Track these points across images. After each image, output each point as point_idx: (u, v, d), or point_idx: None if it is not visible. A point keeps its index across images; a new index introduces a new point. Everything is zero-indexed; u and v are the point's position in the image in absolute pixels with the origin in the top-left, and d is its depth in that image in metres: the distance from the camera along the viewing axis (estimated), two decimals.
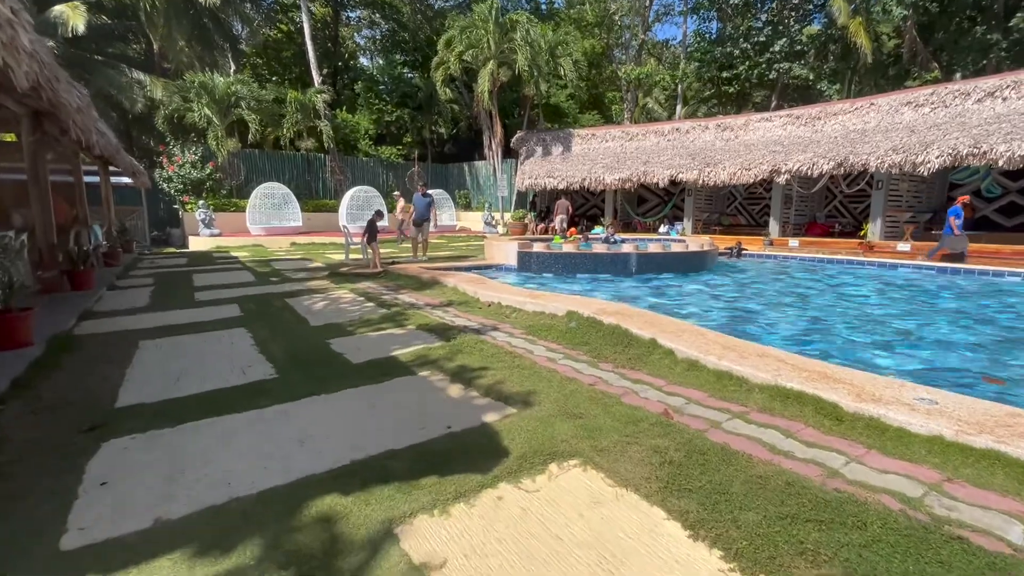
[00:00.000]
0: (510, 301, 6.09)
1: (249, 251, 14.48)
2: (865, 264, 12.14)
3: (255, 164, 20.82)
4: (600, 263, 9.97)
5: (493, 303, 6.26)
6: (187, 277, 9.14)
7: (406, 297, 6.86)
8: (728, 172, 16.14)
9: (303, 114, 20.26)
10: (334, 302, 6.61)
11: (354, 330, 5.04)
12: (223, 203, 18.17)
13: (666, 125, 19.77)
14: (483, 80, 19.46)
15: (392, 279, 8.46)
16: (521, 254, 10.24)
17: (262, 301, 6.70)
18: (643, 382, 3.41)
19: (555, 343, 4.45)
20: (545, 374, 3.58)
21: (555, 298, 5.94)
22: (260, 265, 10.97)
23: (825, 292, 8.58)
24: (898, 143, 13.19)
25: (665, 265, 10.34)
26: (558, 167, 19.77)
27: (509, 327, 5.07)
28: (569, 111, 30.76)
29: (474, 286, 6.94)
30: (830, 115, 16.19)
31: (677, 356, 3.74)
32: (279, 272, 9.74)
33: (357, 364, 3.93)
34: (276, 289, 7.68)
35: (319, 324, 5.32)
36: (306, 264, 11.17)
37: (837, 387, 2.86)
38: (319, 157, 22.64)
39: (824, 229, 17.33)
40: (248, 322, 5.47)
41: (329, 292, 7.39)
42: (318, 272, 9.69)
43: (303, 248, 15.46)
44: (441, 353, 4.11)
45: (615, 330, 4.51)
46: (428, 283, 7.85)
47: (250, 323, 5.41)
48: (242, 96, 18.40)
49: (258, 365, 3.93)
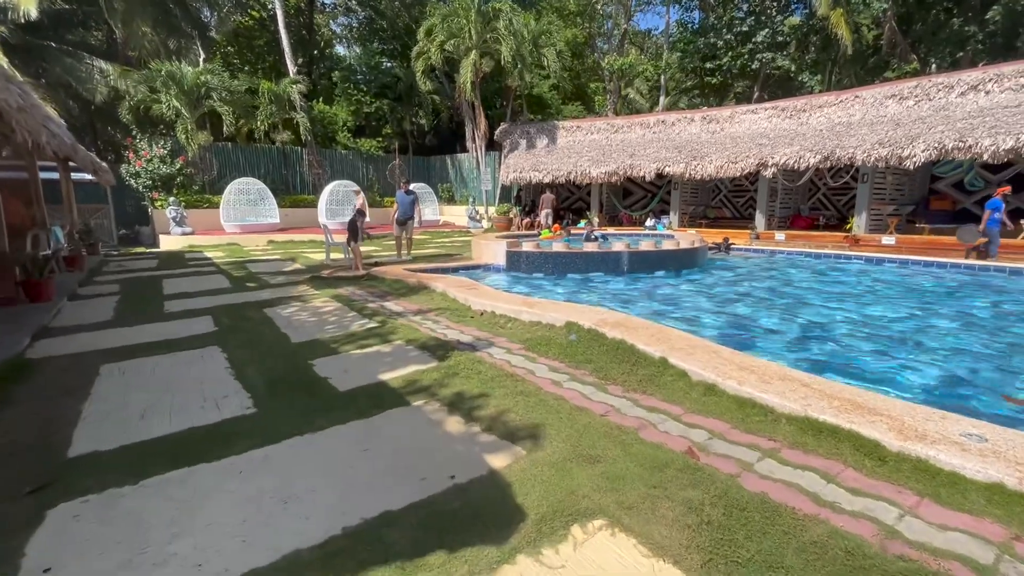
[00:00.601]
0: (504, 310, 5.79)
1: (224, 251, 13.86)
2: (852, 259, 12.14)
3: (228, 158, 20.01)
4: (591, 262, 9.72)
5: (486, 312, 5.94)
6: (156, 283, 8.61)
7: (393, 305, 6.50)
8: (715, 165, 16.01)
9: (278, 105, 19.49)
10: (316, 312, 6.21)
11: (339, 347, 4.68)
12: (195, 199, 17.40)
13: (651, 117, 19.55)
14: (465, 71, 18.95)
15: (376, 283, 8.08)
16: (510, 254, 9.92)
17: (238, 312, 6.28)
18: (659, 410, 3.15)
19: (557, 360, 4.17)
20: (552, 402, 3.29)
21: (552, 306, 5.66)
22: (235, 267, 10.44)
23: (820, 289, 8.48)
24: (884, 136, 13.19)
25: (657, 263, 10.14)
26: (543, 160, 19.42)
27: (506, 341, 4.77)
28: (552, 102, 30.33)
29: (465, 292, 6.61)
30: (815, 107, 16.15)
31: (692, 378, 3.49)
32: (256, 276, 9.26)
33: (344, 392, 3.59)
34: (253, 296, 7.24)
35: (301, 340, 4.95)
36: (284, 266, 10.68)
37: (875, 420, 2.63)
38: (296, 150, 21.89)
39: (808, 222, 17.39)
40: (223, 339, 5.06)
41: (310, 299, 6.98)
42: (298, 275, 9.23)
43: (281, 247, 14.89)
44: (435, 377, 3.79)
45: (620, 346, 4.25)
46: (415, 288, 7.50)
47: (225, 340, 5.01)
48: (213, 86, 17.57)
49: (234, 396, 3.56)
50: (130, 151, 16.49)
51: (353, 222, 9.75)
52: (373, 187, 23.67)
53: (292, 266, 10.64)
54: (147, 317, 6.06)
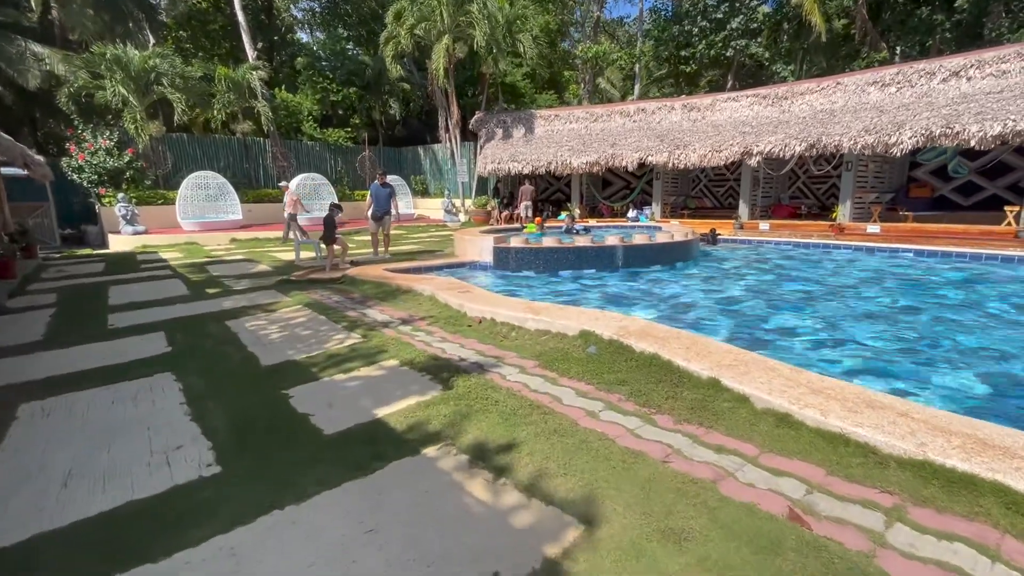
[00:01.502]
0: (506, 316, 5.14)
1: (181, 251, 12.72)
2: (842, 248, 11.95)
3: (184, 150, 18.57)
4: (584, 257, 9.15)
5: (484, 319, 5.28)
6: (101, 291, 7.59)
7: (376, 312, 5.76)
8: (699, 154, 15.65)
9: (237, 93, 18.15)
10: (288, 324, 5.42)
11: (319, 371, 3.95)
12: (148, 195, 16.03)
13: (631, 105, 19.08)
14: (438, 56, 18.02)
15: (354, 286, 7.29)
16: (498, 250, 9.25)
17: (196, 326, 5.43)
18: (728, 450, 2.57)
19: (582, 381, 3.55)
20: (596, 444, 2.67)
21: (560, 312, 5.04)
22: (194, 271, 9.44)
23: (824, 282, 8.10)
24: (869, 124, 13.02)
25: (653, 257, 9.65)
26: (521, 150, 18.72)
27: (516, 357, 4.13)
28: (525, 91, 29.58)
29: (457, 296, 5.92)
30: (797, 95, 15.95)
31: (755, 405, 2.93)
32: (217, 280, 8.32)
33: (333, 436, 2.88)
34: (214, 306, 6.36)
35: (272, 362, 4.18)
36: (249, 267, 9.73)
37: (1014, 462, 2.11)
38: (258, 142, 20.54)
39: (791, 211, 17.28)
40: (177, 362, 4.25)
41: (280, 308, 6.16)
42: (265, 278, 8.34)
43: (245, 245, 13.80)
44: (445, 413, 3.11)
45: (653, 361, 3.66)
46: (399, 291, 6.76)
47: (180, 364, 4.20)
48: (163, 72, 16.16)
49: (191, 445, 2.81)
50: (71, 143, 15.00)
51: (330, 218, 8.92)
52: (342, 180, 22.52)
53: (258, 267, 9.71)
54: (86, 335, 5.15)
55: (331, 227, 8.77)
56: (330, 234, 8.74)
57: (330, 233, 8.74)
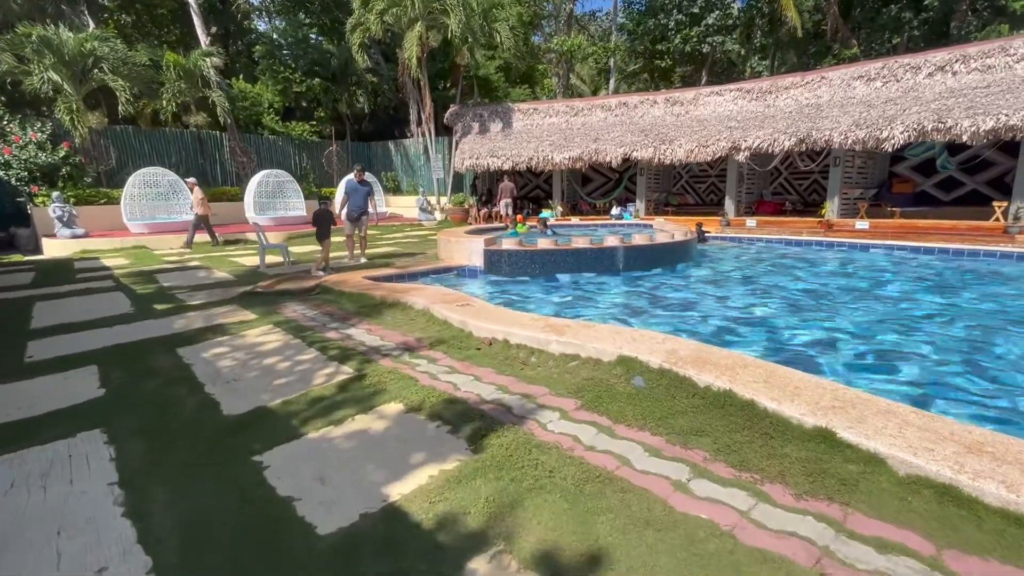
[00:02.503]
0: (522, 337, 4.35)
1: (128, 257, 11.36)
2: (835, 246, 11.65)
3: (130, 144, 16.91)
4: (584, 260, 8.43)
5: (495, 340, 4.48)
6: (24, 309, 6.38)
7: (363, 333, 4.87)
8: (685, 150, 15.19)
9: (188, 82, 16.63)
10: (256, 351, 4.47)
11: (302, 423, 3.06)
12: (89, 194, 14.43)
13: (613, 99, 18.50)
14: (410, 45, 16.95)
15: (333, 298, 6.35)
16: (489, 253, 8.44)
17: (140, 356, 4.42)
18: (893, 547, 1.85)
19: (646, 431, 2.80)
20: (710, 543, 1.91)
21: (588, 332, 4.27)
22: (141, 281, 8.24)
23: (829, 280, 7.62)
24: (859, 118, 12.78)
25: (655, 259, 9.03)
26: (500, 145, 17.89)
27: (549, 394, 3.34)
28: (499, 85, 28.72)
29: (457, 311, 5.09)
30: (781, 89, 15.67)
31: (895, 471, 2.22)
32: (169, 293, 7.20)
33: (330, 539, 2.03)
34: (163, 328, 5.32)
35: (238, 411, 3.27)
36: (207, 276, 8.60)
37: None
38: (214, 135, 18.98)
39: (775, 207, 17.08)
40: (111, 415, 3.28)
41: (246, 329, 5.18)
42: (225, 290, 7.27)
43: (202, 249, 12.50)
44: (485, 493, 2.29)
45: (727, 400, 2.95)
46: (386, 305, 5.87)
47: (115, 417, 3.23)
48: (103, 56, 14.55)
49: (119, 566, 1.91)
50: None
51: (325, 212, 8.40)
52: (308, 176, 21.15)
53: (217, 276, 8.58)
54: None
55: (326, 222, 8.34)
56: (326, 230, 8.31)
57: (325, 229, 8.32)
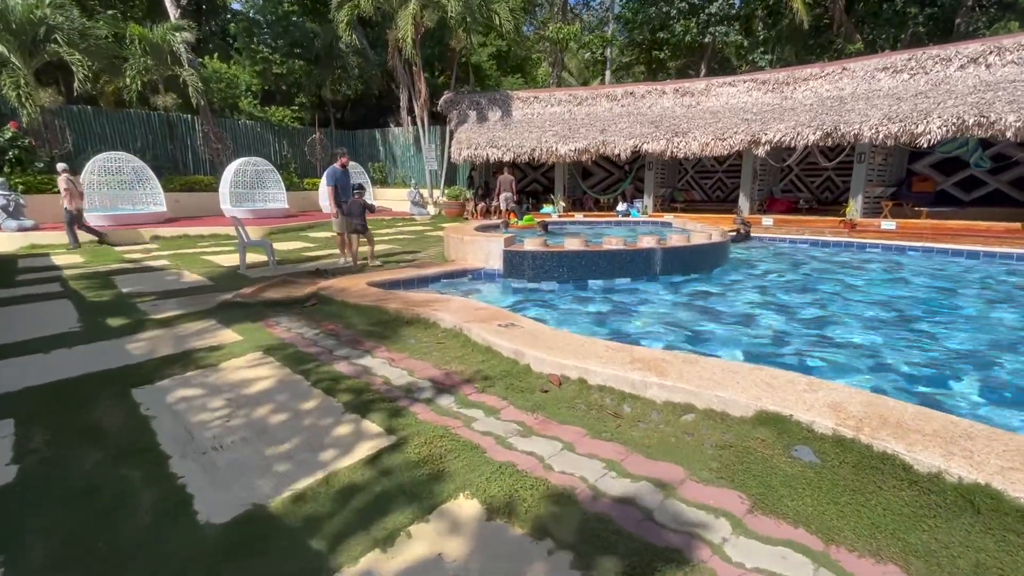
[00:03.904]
0: (603, 376, 3.26)
1: (83, 253, 9.91)
2: (867, 246, 10.85)
3: (88, 126, 15.23)
4: (618, 263, 7.39)
5: (565, 378, 3.39)
6: None
7: (383, 364, 3.72)
8: (700, 143, 14.26)
9: (156, 58, 15.01)
10: (241, 396, 3.29)
11: (331, 547, 1.92)
12: (39, 181, 12.81)
13: (619, 88, 17.46)
14: (405, 23, 15.62)
15: (335, 310, 5.16)
16: (510, 255, 7.32)
17: (79, 406, 3.18)
18: None
19: (890, 562, 1.75)
20: None
21: (692, 368, 3.19)
22: (96, 285, 6.89)
23: (891, 290, 6.67)
24: (890, 112, 12.01)
25: (694, 263, 8.04)
26: (500, 135, 16.71)
27: (687, 477, 2.27)
28: (491, 73, 27.48)
29: (504, 336, 3.97)
30: (799, 80, 14.86)
31: None
32: (128, 302, 5.90)
33: None
34: (116, 356, 4.08)
35: (226, 516, 2.10)
36: (176, 279, 7.29)
37: None
38: (186, 119, 17.34)
39: (788, 205, 16.29)
40: (15, 533, 2.09)
41: (227, 359, 3.97)
42: (199, 297, 6.01)
43: (170, 245, 11.08)
44: None
45: (984, 499, 1.92)
46: (403, 321, 4.72)
47: (25, 532, 2.05)
48: (57, 26, 12.90)
49: None
50: None
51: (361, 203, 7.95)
52: (289, 166, 19.66)
53: (188, 279, 7.28)
54: None
55: (363, 214, 7.91)
56: (363, 223, 7.93)
57: (362, 222, 7.92)
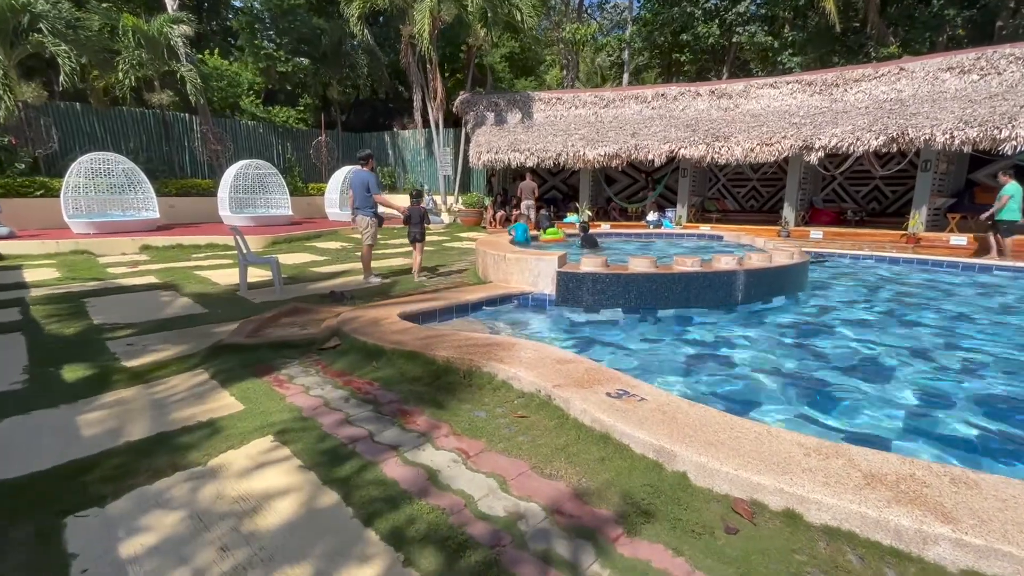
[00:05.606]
0: (830, 510, 1.99)
1: (62, 266, 8.65)
2: (962, 267, 9.58)
3: (76, 124, 14.03)
4: (694, 288, 6.14)
5: (758, 505, 2.11)
6: None
7: (454, 464, 2.45)
8: (744, 148, 13.08)
9: (151, 52, 13.82)
10: (238, 538, 2.02)
11: None
12: (21, 184, 11.61)
13: (648, 90, 16.29)
14: (422, 18, 14.46)
15: (360, 358, 3.90)
16: (564, 277, 6.09)
17: None
18: None
19: None
20: None
21: (975, 494, 1.94)
22: (63, 312, 5.62)
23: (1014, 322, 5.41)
24: (965, 115, 10.82)
25: (777, 287, 6.80)
26: (522, 138, 15.52)
27: None
28: (504, 75, 26.39)
29: (629, 420, 2.69)
30: (849, 81, 13.70)
31: None
32: (97, 338, 4.63)
33: None
34: (55, 444, 2.79)
35: None
36: (163, 304, 6.02)
37: None
38: (183, 118, 16.15)
39: (832, 216, 15.08)
40: None
41: (219, 448, 2.69)
42: (189, 331, 4.74)
43: (161, 256, 9.83)
44: None
45: None
46: (460, 378, 3.45)
47: None
48: (41, 14, 11.72)
49: None
50: None
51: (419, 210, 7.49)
52: (293, 169, 18.45)
53: (178, 302, 6.02)
54: None
55: (420, 223, 7.38)
56: (420, 231, 7.38)
57: (420, 231, 7.38)
